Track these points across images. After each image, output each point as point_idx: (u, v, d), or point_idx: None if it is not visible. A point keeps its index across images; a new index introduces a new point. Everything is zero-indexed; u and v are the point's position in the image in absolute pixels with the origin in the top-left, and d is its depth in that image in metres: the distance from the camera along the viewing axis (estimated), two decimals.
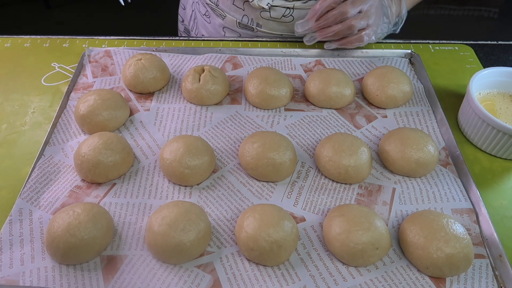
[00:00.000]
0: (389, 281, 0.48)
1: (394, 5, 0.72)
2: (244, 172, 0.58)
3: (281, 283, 0.47)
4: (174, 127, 0.64)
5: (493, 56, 0.79)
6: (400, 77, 0.67)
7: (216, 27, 0.86)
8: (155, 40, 0.80)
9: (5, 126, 0.64)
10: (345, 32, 0.69)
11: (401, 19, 0.74)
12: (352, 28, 0.68)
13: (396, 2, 0.72)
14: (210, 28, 0.88)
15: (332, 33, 0.69)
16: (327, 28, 0.70)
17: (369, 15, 0.68)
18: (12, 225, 0.51)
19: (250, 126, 0.64)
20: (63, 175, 0.57)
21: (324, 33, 0.70)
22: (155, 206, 0.54)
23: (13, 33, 0.81)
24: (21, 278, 0.47)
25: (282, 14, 0.77)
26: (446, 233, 0.47)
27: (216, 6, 0.82)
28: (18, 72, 0.73)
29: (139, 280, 0.47)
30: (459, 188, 0.56)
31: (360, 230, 0.48)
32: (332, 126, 0.65)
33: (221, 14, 0.82)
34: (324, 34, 0.70)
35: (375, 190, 0.56)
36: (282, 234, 0.47)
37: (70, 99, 0.67)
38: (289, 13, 0.77)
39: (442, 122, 0.64)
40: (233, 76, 0.72)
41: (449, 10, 2.03)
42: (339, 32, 0.69)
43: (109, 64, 0.73)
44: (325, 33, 0.70)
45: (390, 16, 0.72)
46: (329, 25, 0.69)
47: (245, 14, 0.79)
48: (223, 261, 0.49)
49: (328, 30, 0.69)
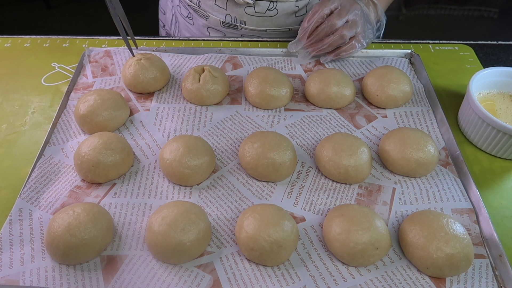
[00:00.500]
0: (389, 281, 0.48)
1: (372, 12, 0.75)
2: (244, 172, 0.58)
3: (281, 283, 0.47)
4: (174, 127, 0.64)
5: (493, 56, 0.79)
6: (400, 77, 0.67)
7: (200, 28, 0.87)
8: (155, 40, 0.80)
9: (5, 126, 0.64)
10: (338, 42, 0.71)
11: (382, 24, 0.77)
12: (344, 37, 0.70)
13: (373, 9, 0.76)
14: (194, 29, 0.89)
15: (326, 45, 0.71)
16: (319, 42, 0.72)
17: (356, 23, 0.71)
18: (12, 225, 0.51)
19: (250, 126, 0.64)
20: (63, 175, 0.57)
21: (317, 47, 0.72)
22: (155, 206, 0.54)
23: (13, 33, 0.81)
24: (21, 278, 0.47)
25: (267, 8, 0.79)
26: (446, 233, 0.47)
27: (198, 7, 0.82)
28: (18, 72, 0.73)
29: (139, 280, 0.47)
30: (459, 188, 0.56)
31: (360, 230, 0.48)
32: (332, 126, 0.65)
33: (204, 15, 0.83)
34: (318, 48, 0.72)
35: (375, 190, 0.56)
36: (282, 234, 0.47)
37: (70, 99, 0.67)
38: (273, 7, 0.79)
39: (442, 122, 0.64)
40: (233, 76, 0.72)
41: (449, 10, 2.03)
42: (332, 43, 0.71)
43: (109, 64, 0.73)
44: (318, 46, 0.72)
45: (372, 21, 0.75)
46: (320, 39, 0.71)
47: (227, 13, 0.80)
48: (223, 261, 0.49)
49: (321, 43, 0.71)
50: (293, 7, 0.79)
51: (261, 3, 0.78)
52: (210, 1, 0.80)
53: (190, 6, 0.85)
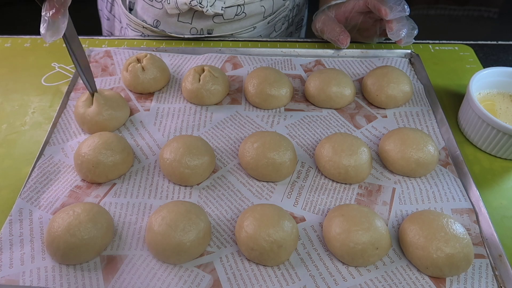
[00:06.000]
0: (389, 281, 0.48)
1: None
2: (244, 172, 0.58)
3: (281, 283, 0.47)
4: (174, 127, 0.64)
5: (493, 56, 0.79)
6: (400, 77, 0.67)
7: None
8: (155, 40, 0.80)
9: (5, 126, 0.64)
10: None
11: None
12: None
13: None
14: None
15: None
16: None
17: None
18: (12, 225, 0.51)
19: (250, 126, 0.64)
20: (63, 175, 0.57)
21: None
22: (155, 206, 0.54)
23: (13, 33, 0.81)
24: (21, 278, 0.47)
25: (235, 14, 0.78)
26: (446, 233, 0.47)
27: (155, 28, 0.80)
28: (18, 72, 0.73)
29: (139, 280, 0.47)
30: (459, 188, 0.56)
31: (360, 230, 0.48)
32: (332, 126, 0.65)
33: (164, 35, 0.80)
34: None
35: (375, 190, 0.56)
36: (282, 234, 0.47)
37: (70, 99, 0.67)
38: (241, 11, 0.79)
39: (442, 122, 0.64)
40: (233, 76, 0.72)
41: (449, 10, 2.03)
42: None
43: (109, 64, 0.73)
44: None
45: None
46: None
47: (192, 27, 0.79)
48: (223, 261, 0.49)
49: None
50: (259, 8, 0.80)
51: (228, 10, 0.77)
52: (172, 18, 0.79)
53: (147, 28, 0.81)
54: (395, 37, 0.67)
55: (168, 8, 0.76)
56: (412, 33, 0.68)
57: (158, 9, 0.79)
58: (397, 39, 0.68)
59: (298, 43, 0.80)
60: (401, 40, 0.68)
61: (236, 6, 0.77)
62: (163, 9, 0.78)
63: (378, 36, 0.76)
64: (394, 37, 0.67)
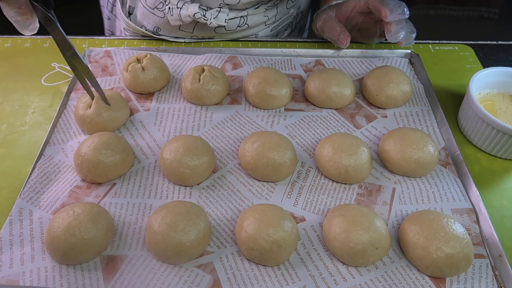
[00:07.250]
0: (389, 281, 0.48)
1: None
2: (244, 172, 0.58)
3: (281, 283, 0.47)
4: (174, 127, 0.64)
5: (493, 56, 0.79)
6: (400, 77, 0.67)
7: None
8: (155, 40, 0.80)
9: (5, 126, 0.64)
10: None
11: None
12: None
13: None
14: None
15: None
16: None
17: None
18: (12, 225, 0.51)
19: (250, 126, 0.64)
20: (63, 175, 0.57)
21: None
22: (155, 206, 0.54)
23: (13, 33, 0.81)
24: (21, 278, 0.47)
25: (237, 25, 0.78)
26: (446, 233, 0.47)
27: (156, 34, 0.80)
28: (18, 72, 0.73)
29: (139, 280, 0.47)
30: (459, 188, 0.56)
31: (360, 230, 0.48)
32: (332, 126, 0.65)
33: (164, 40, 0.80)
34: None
35: (375, 190, 0.56)
36: (282, 234, 0.47)
37: (70, 99, 0.67)
38: (244, 22, 0.78)
39: (442, 122, 0.64)
40: (233, 76, 0.72)
41: (449, 10, 2.03)
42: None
43: (109, 64, 0.73)
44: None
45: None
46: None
47: (194, 35, 0.79)
48: (223, 261, 0.49)
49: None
50: (262, 17, 0.79)
51: (231, 21, 0.77)
52: (173, 27, 0.78)
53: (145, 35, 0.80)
54: (393, 39, 0.68)
55: (171, 19, 0.75)
56: (410, 36, 0.69)
57: (160, 18, 0.79)
58: (394, 41, 0.69)
59: (298, 43, 0.80)
60: (400, 42, 0.69)
61: (239, 17, 0.77)
62: (165, 18, 0.78)
63: (378, 37, 0.76)
64: (392, 39, 0.69)
